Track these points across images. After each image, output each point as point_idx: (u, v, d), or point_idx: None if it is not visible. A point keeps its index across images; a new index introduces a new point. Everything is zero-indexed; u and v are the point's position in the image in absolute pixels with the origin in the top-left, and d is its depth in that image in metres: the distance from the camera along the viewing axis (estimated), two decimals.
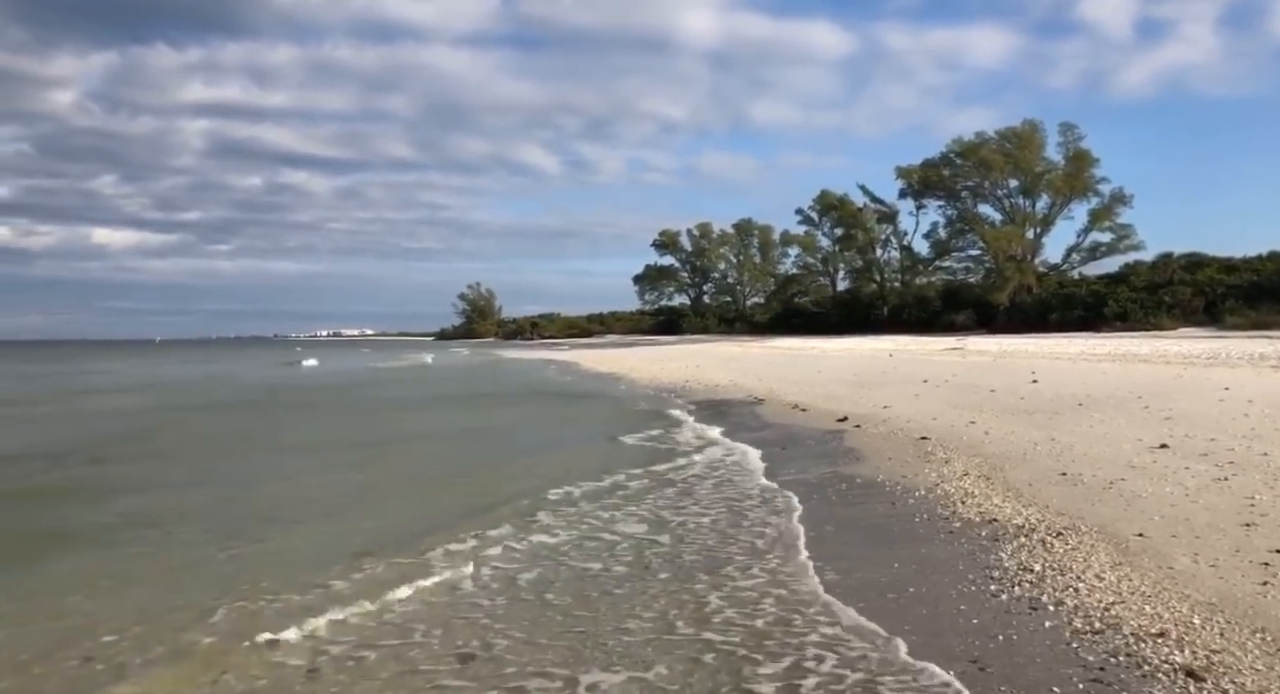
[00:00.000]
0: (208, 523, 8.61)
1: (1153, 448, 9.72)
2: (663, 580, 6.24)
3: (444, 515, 8.54)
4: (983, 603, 5.36)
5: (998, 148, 73.31)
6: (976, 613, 5.20)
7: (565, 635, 5.19)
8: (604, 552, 7.12)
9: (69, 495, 10.25)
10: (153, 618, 5.59)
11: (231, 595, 6.01)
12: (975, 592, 5.57)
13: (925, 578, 5.94)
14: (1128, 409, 12.92)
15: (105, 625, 5.44)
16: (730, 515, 8.28)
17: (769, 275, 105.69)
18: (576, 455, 12.56)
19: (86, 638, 5.24)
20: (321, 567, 6.69)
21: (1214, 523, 6.58)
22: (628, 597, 5.89)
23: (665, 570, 6.51)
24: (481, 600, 5.91)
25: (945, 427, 12.63)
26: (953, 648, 4.71)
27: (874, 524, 7.58)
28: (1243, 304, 52.64)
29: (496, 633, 5.25)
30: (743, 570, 6.42)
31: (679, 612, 5.54)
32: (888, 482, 9.23)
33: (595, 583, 6.26)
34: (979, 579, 5.81)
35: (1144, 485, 7.98)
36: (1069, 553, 6.19)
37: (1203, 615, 4.81)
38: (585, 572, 6.57)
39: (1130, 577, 5.56)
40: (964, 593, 5.57)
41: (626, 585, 6.15)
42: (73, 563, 7.14)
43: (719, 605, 5.64)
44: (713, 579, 6.22)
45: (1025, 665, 4.43)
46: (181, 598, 6.03)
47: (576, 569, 6.65)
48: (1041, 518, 7.20)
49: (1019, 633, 4.84)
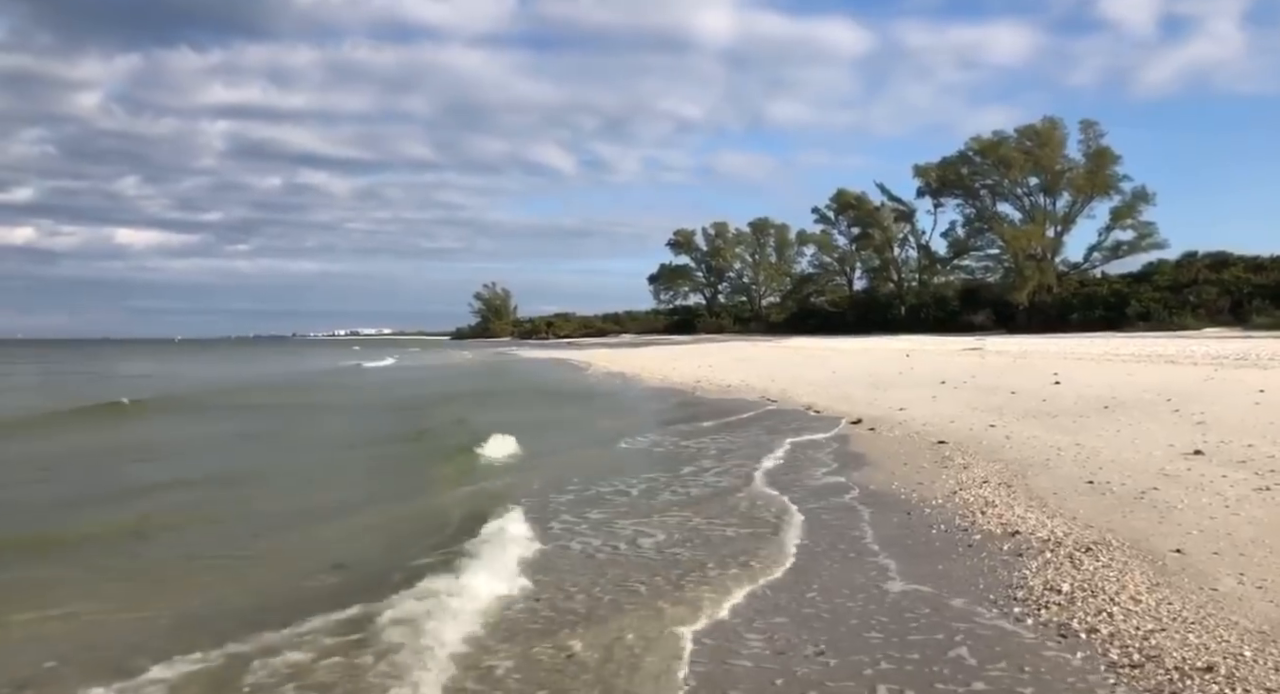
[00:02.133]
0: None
1: (1186, 454, 9.15)
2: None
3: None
4: (1005, 630, 4.85)
5: (1017, 146, 72.44)
6: (1000, 641, 4.68)
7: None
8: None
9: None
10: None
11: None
12: (997, 615, 5.06)
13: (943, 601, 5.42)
14: (1156, 412, 12.32)
15: None
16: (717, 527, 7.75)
17: (785, 275, 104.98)
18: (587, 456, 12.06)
19: None
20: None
21: (1259, 538, 6.03)
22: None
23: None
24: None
25: (964, 430, 12.09)
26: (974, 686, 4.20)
27: (886, 536, 7.04)
28: (1270, 304, 51.62)
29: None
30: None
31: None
32: (902, 489, 8.71)
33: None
34: (1001, 601, 5.29)
35: (1179, 495, 7.44)
36: (1100, 571, 5.66)
37: (1254, 646, 4.28)
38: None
39: (1170, 599, 5.03)
40: (986, 618, 5.06)
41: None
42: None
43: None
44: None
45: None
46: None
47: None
48: (1069, 530, 6.67)
49: (1047, 665, 4.32)
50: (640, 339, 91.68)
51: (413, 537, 7.27)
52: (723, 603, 5.43)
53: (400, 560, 6.38)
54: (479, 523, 7.31)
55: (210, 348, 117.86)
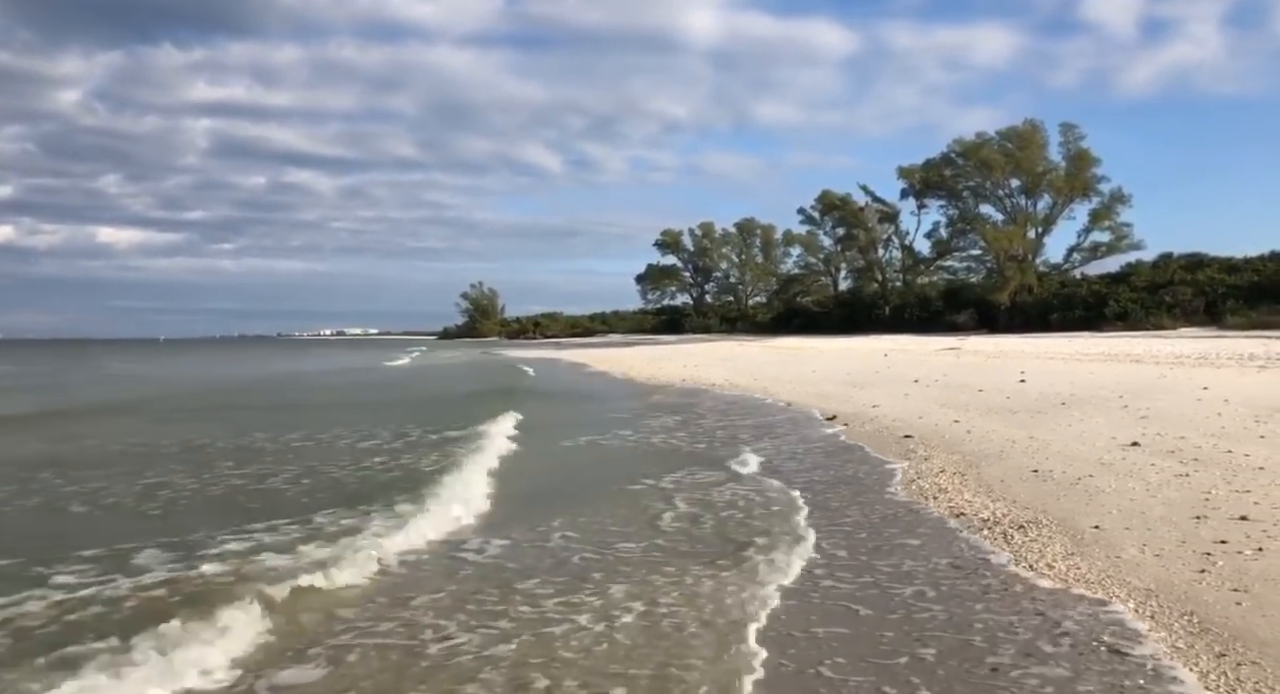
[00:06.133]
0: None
1: (1124, 446, 10.03)
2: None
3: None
4: (940, 590, 5.68)
5: (999, 148, 73.51)
6: (941, 601, 5.50)
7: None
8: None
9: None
10: None
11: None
12: (923, 581, 5.90)
13: (883, 565, 6.27)
14: (1108, 408, 13.23)
15: None
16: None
17: (771, 275, 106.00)
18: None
19: None
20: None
21: (1167, 516, 6.90)
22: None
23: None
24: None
25: (930, 425, 12.94)
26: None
27: (839, 520, 7.88)
28: (1244, 304, 52.80)
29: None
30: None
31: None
32: (866, 478, 9.56)
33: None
34: (939, 569, 6.13)
35: (1109, 481, 8.30)
36: (1027, 544, 6.51)
37: (1138, 600, 5.13)
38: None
39: (1079, 565, 5.89)
40: (921, 579, 5.90)
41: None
42: None
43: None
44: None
45: (979, 643, 4.75)
46: None
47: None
48: (1007, 512, 7.52)
49: (972, 616, 5.16)
50: (628, 339, 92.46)
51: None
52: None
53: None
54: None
55: (205, 348, 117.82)
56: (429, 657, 4.74)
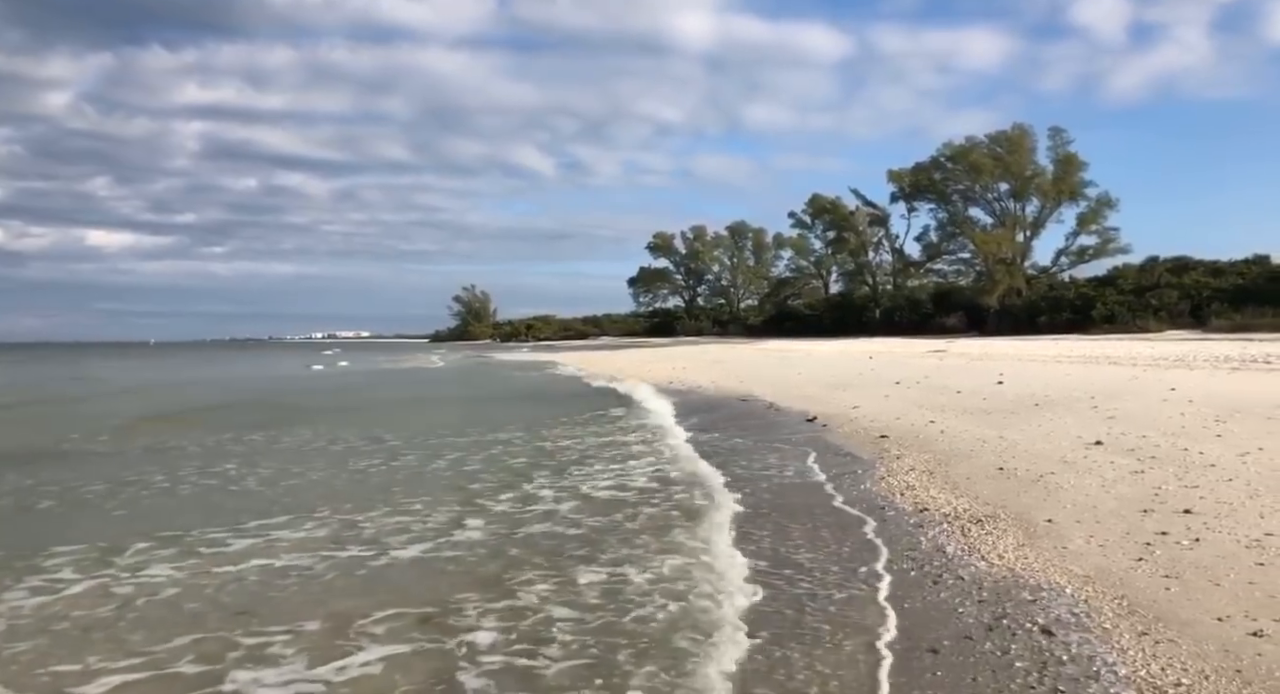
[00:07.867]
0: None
1: (1088, 444, 10.40)
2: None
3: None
4: (898, 579, 6.04)
5: (988, 152, 74.25)
6: (899, 587, 5.86)
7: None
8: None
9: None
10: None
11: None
12: (883, 567, 6.27)
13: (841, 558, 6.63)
14: (1078, 409, 13.61)
15: None
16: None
17: (762, 278, 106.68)
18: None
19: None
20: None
21: (1117, 510, 7.26)
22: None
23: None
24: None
25: (906, 426, 13.29)
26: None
27: (800, 507, 8.24)
28: (1228, 307, 53.45)
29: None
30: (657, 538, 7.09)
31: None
32: (838, 475, 9.92)
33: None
34: (896, 559, 6.49)
35: (1069, 478, 8.66)
36: (983, 537, 6.86)
37: (1075, 585, 5.50)
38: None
39: (1027, 555, 6.25)
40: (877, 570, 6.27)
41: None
42: None
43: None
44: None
45: (922, 627, 5.11)
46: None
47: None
48: (968, 507, 7.87)
49: (920, 603, 5.52)
50: (619, 342, 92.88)
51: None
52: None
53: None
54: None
55: (203, 350, 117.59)
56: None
